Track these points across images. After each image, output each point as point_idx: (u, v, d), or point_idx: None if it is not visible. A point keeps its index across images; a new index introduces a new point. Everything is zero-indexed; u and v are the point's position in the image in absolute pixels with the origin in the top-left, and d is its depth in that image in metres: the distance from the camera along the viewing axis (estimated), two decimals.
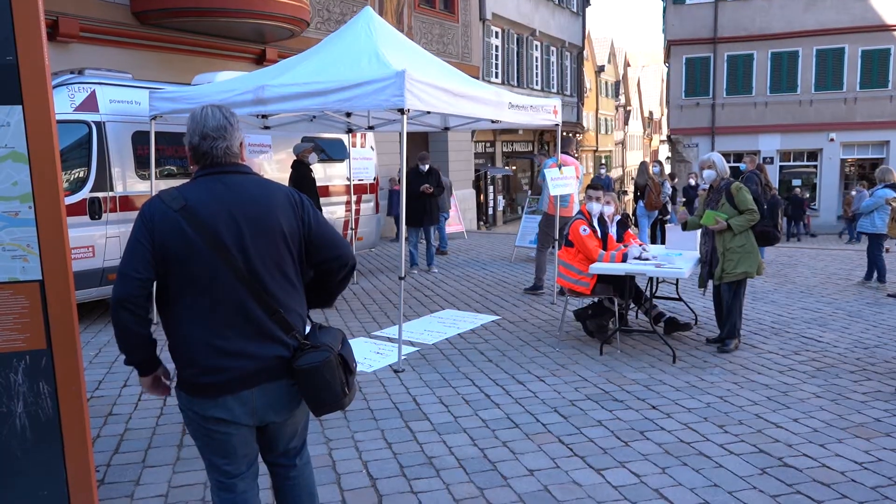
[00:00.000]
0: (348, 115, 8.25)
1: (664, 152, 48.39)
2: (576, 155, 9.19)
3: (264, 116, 7.38)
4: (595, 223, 6.23)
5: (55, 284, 2.37)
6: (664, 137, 40.63)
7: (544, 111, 7.41)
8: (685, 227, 6.11)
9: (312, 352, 2.22)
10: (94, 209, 6.67)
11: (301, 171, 7.79)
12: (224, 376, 2.15)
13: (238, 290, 2.15)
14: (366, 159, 9.93)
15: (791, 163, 25.41)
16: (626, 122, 54.59)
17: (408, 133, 5.69)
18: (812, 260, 10.96)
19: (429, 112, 6.25)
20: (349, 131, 9.23)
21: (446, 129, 8.71)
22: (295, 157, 8.08)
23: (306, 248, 2.32)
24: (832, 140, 24.43)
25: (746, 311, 6.96)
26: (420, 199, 9.87)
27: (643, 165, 12.23)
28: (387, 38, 6.34)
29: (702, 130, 25.78)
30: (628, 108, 55.66)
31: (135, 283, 2.08)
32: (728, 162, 10.53)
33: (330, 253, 2.35)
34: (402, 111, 5.33)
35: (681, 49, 25.94)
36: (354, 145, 9.58)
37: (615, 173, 47.09)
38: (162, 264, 2.11)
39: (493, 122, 7.11)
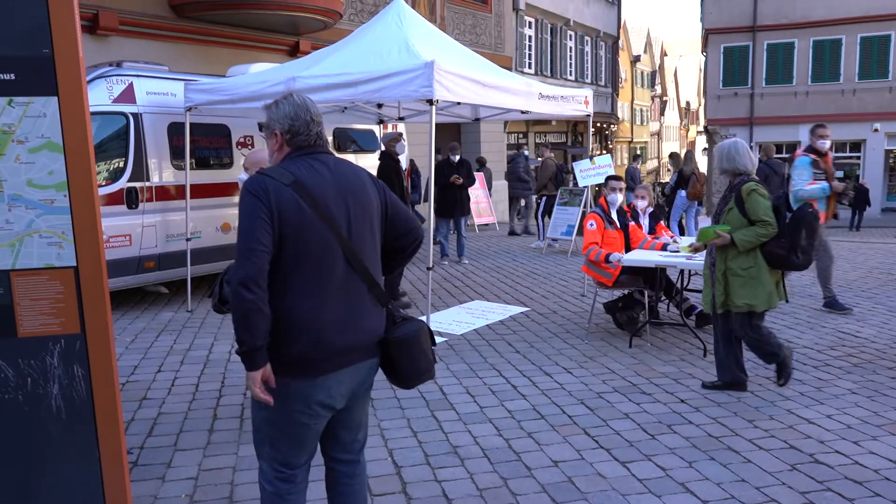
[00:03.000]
0: (379, 106, 8.28)
1: (701, 143, 47.51)
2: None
3: None
4: (614, 215, 6.24)
5: (89, 271, 2.44)
6: (701, 128, 39.89)
7: (575, 101, 7.35)
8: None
9: (406, 323, 2.35)
10: (131, 199, 6.82)
11: (387, 161, 7.72)
12: (331, 349, 2.19)
13: (344, 263, 2.22)
14: None
15: (833, 154, 24.71)
16: (662, 113, 53.75)
17: (439, 124, 5.70)
18: (852, 253, 10.68)
19: (459, 103, 6.25)
20: (380, 122, 9.27)
21: (477, 119, 8.70)
22: (383, 148, 8.05)
23: (388, 226, 2.44)
24: (876, 130, 23.71)
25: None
26: (450, 189, 9.88)
27: (689, 154, 12.06)
28: (417, 29, 6.35)
29: (740, 121, 25.23)
30: (664, 98, 54.78)
31: (262, 256, 2.07)
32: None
33: (406, 227, 2.47)
34: (430, 102, 5.34)
35: (719, 38, 25.40)
36: None
37: (651, 165, 46.43)
38: (279, 237, 2.12)
39: (523, 112, 7.08)
